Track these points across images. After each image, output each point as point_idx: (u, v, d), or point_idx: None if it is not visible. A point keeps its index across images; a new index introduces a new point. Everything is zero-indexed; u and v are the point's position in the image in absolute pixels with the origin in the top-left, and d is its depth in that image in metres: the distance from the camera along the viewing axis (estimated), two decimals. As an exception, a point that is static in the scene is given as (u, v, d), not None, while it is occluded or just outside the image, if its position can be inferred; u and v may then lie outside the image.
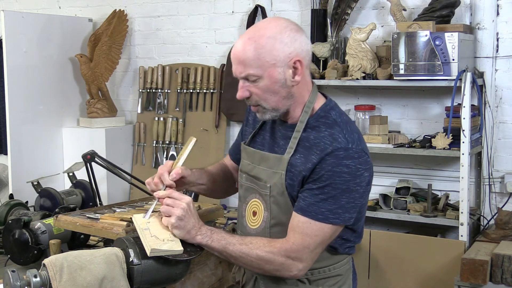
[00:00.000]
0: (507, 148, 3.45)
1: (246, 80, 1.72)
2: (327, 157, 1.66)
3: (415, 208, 3.33)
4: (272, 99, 1.72)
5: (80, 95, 4.58)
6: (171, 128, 4.39)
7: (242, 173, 1.89)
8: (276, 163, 1.76)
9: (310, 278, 1.78)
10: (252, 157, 1.85)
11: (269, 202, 1.77)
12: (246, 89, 1.73)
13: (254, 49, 1.67)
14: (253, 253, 1.70)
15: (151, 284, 1.74)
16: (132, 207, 2.40)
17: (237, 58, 1.71)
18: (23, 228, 2.31)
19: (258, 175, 1.81)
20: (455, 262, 3.07)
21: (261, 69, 1.68)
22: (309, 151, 1.70)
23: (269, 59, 1.68)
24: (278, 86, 1.70)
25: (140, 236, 1.73)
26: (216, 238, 1.72)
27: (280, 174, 1.74)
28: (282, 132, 1.81)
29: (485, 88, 3.43)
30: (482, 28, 3.45)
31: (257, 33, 1.69)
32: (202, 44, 4.35)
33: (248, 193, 1.86)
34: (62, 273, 1.60)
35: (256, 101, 1.74)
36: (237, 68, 1.72)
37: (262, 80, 1.70)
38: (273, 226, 1.77)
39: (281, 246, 1.69)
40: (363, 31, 3.45)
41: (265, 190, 1.77)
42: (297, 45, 1.70)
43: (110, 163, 3.09)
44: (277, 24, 1.71)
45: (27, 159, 4.13)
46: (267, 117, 1.77)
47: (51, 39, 4.30)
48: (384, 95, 3.72)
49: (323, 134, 1.71)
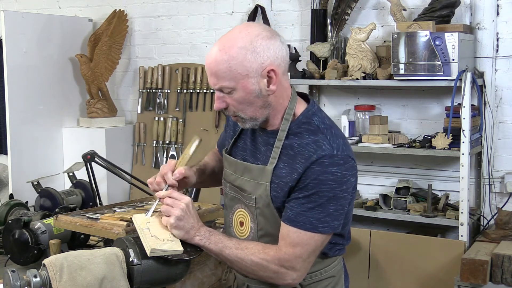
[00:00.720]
0: (507, 148, 3.45)
1: (221, 92, 1.69)
2: (312, 166, 1.63)
3: (415, 208, 3.33)
4: (248, 109, 1.69)
5: (80, 95, 4.58)
6: (171, 128, 4.39)
7: (226, 182, 1.86)
8: (259, 174, 1.72)
9: (302, 283, 1.76)
10: (235, 167, 1.82)
11: (256, 214, 1.74)
12: (222, 100, 1.70)
13: (226, 61, 1.63)
14: (248, 258, 1.68)
15: (151, 284, 1.74)
16: (132, 207, 2.40)
17: (209, 70, 1.67)
18: (23, 228, 2.31)
19: (242, 186, 1.77)
20: (455, 262, 3.07)
21: (234, 81, 1.64)
22: (293, 159, 1.67)
23: (241, 71, 1.63)
24: (253, 97, 1.66)
25: (140, 236, 1.73)
26: (214, 240, 1.71)
27: (264, 185, 1.70)
28: (263, 138, 1.77)
29: (485, 88, 3.43)
30: (482, 28, 3.45)
31: (228, 43, 1.64)
32: (202, 44, 4.35)
33: (233, 202, 1.83)
34: (62, 273, 1.60)
35: (234, 112, 1.71)
36: (211, 79, 1.70)
37: (236, 92, 1.66)
38: (261, 237, 1.75)
39: (275, 254, 1.67)
40: (363, 31, 3.45)
41: (251, 201, 1.75)
42: (270, 53, 1.64)
43: (110, 163, 3.09)
44: (248, 33, 1.65)
45: (27, 159, 4.13)
46: (247, 126, 1.74)
47: (51, 39, 4.31)
48: (384, 95, 3.72)
49: (307, 141, 1.67)
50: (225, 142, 1.99)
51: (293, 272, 1.67)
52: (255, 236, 1.76)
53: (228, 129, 1.97)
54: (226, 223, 1.90)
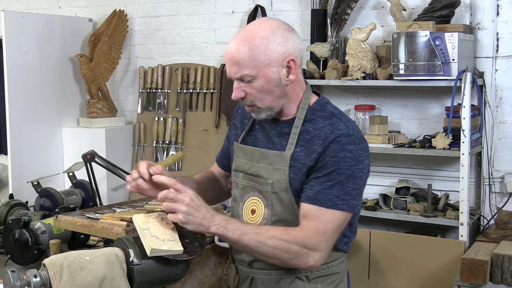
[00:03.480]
0: (507, 148, 3.45)
1: (241, 81, 1.74)
2: (330, 144, 1.69)
3: (415, 208, 3.33)
4: (267, 98, 1.74)
5: (80, 95, 4.58)
6: (171, 128, 4.39)
7: (237, 172, 1.88)
8: (277, 159, 1.77)
9: (309, 275, 1.78)
10: (251, 155, 1.85)
11: (271, 199, 1.77)
12: (241, 90, 1.75)
13: (249, 49, 1.69)
14: (269, 242, 1.66)
15: (151, 284, 1.74)
16: (132, 207, 2.40)
17: (231, 59, 1.73)
18: (23, 228, 2.31)
19: (258, 173, 1.81)
20: (455, 262, 3.07)
21: (256, 69, 1.70)
22: (309, 142, 1.73)
23: (264, 59, 1.69)
24: (273, 86, 1.73)
25: (140, 236, 1.73)
26: (231, 228, 1.67)
27: (282, 170, 1.75)
28: (277, 130, 1.82)
29: (485, 88, 3.43)
30: (482, 28, 3.45)
31: (250, 34, 1.71)
32: (202, 44, 4.35)
33: (245, 191, 1.85)
34: (62, 273, 1.60)
35: (251, 101, 1.76)
36: (232, 69, 1.74)
37: (257, 80, 1.72)
38: (274, 222, 1.77)
39: (296, 234, 1.66)
40: (363, 31, 3.45)
41: (266, 187, 1.78)
42: (290, 44, 1.72)
43: (110, 163, 3.10)
44: (269, 24, 1.73)
45: (27, 159, 4.13)
46: (262, 116, 1.78)
47: (51, 39, 4.31)
48: (384, 95, 3.73)
49: (322, 125, 1.74)
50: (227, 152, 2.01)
51: (315, 252, 1.67)
52: (268, 222, 1.78)
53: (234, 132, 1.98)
54: (234, 214, 1.90)
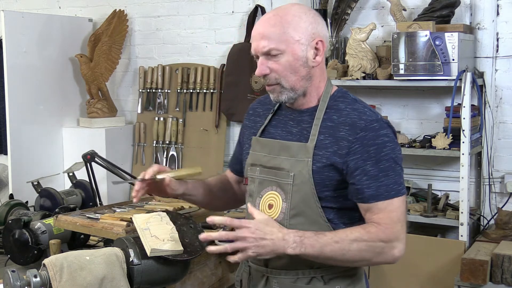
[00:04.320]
0: (507, 148, 3.45)
1: (267, 56, 1.71)
2: (363, 133, 1.66)
3: (415, 208, 3.33)
4: (291, 77, 1.71)
5: (80, 95, 4.58)
6: (171, 128, 4.39)
7: (254, 167, 1.81)
8: (299, 151, 1.72)
9: (325, 276, 1.73)
10: (270, 148, 1.79)
11: (291, 192, 1.71)
12: (266, 66, 1.71)
13: (280, 23, 1.69)
14: (353, 247, 1.62)
15: (151, 284, 1.74)
16: (132, 207, 2.40)
17: (261, 33, 1.70)
18: (23, 228, 2.31)
19: (279, 165, 1.75)
20: (455, 262, 3.07)
21: (285, 44, 1.68)
22: (334, 129, 1.69)
23: (294, 35, 1.69)
24: (299, 65, 1.71)
25: (140, 236, 1.73)
26: (309, 243, 1.61)
27: (305, 161, 1.69)
28: (296, 119, 1.78)
29: (485, 88, 3.43)
30: (482, 28, 3.45)
31: (283, 11, 1.72)
32: (202, 44, 4.35)
33: (262, 186, 1.78)
34: (62, 273, 1.60)
35: (276, 79, 1.72)
36: (260, 43, 1.71)
37: (284, 56, 1.69)
38: (292, 217, 1.71)
39: (376, 230, 1.64)
40: (363, 31, 3.45)
41: (287, 179, 1.72)
42: (320, 27, 1.73)
43: (110, 163, 3.10)
44: (301, 6, 1.76)
45: (27, 159, 4.13)
46: (283, 97, 1.74)
47: (51, 39, 4.30)
48: (384, 95, 3.73)
49: (346, 111, 1.71)
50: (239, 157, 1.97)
51: (398, 243, 1.65)
52: (286, 216, 1.71)
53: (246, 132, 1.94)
54: None
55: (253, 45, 1.74)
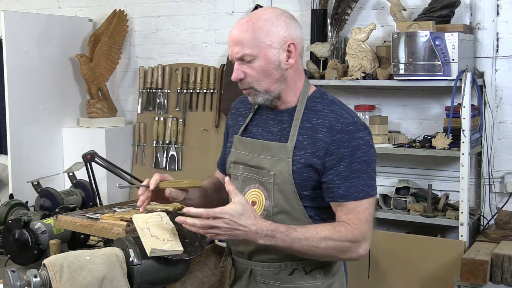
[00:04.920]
0: (507, 148, 3.45)
1: (241, 61, 1.76)
2: (339, 135, 1.71)
3: (415, 208, 3.33)
4: (265, 81, 1.76)
5: (80, 95, 4.58)
6: (171, 128, 4.39)
7: (237, 165, 1.88)
8: (280, 151, 1.77)
9: (306, 267, 1.80)
10: (251, 147, 1.85)
11: (272, 190, 1.77)
12: (241, 71, 1.77)
13: (252, 30, 1.73)
14: (321, 245, 1.69)
15: (151, 284, 1.74)
16: (132, 207, 2.41)
17: (234, 40, 1.76)
18: (23, 228, 2.31)
19: (260, 164, 1.81)
20: (455, 262, 3.07)
21: (257, 49, 1.73)
22: (313, 131, 1.75)
23: (265, 40, 1.73)
24: (272, 68, 1.75)
25: (140, 236, 1.73)
26: (280, 238, 1.68)
27: (286, 161, 1.75)
28: (276, 119, 1.83)
29: (485, 88, 3.43)
30: (482, 28, 3.45)
31: (255, 16, 1.77)
32: (202, 44, 4.35)
33: (245, 184, 1.85)
34: (62, 273, 1.60)
35: (249, 83, 1.77)
36: (234, 49, 1.76)
37: (257, 61, 1.74)
38: (275, 214, 1.77)
39: (345, 230, 1.70)
40: (363, 31, 3.45)
41: (268, 178, 1.78)
42: (291, 30, 1.77)
43: (110, 163, 3.10)
44: (273, 10, 1.79)
45: (27, 159, 4.13)
46: (259, 100, 1.79)
47: (51, 39, 4.31)
48: (384, 95, 3.73)
49: (324, 113, 1.76)
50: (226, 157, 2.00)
51: (364, 242, 1.72)
52: (269, 213, 1.78)
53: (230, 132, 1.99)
54: None
55: (229, 50, 1.79)
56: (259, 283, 1.82)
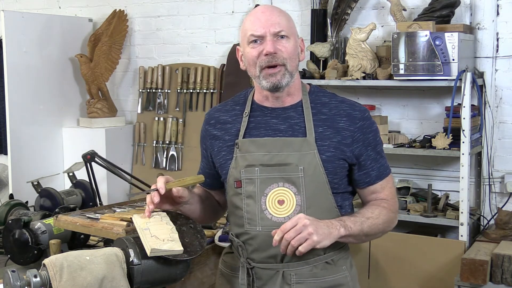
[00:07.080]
0: (507, 148, 3.45)
1: (276, 37, 1.76)
2: (361, 122, 1.80)
3: (415, 208, 3.33)
4: (294, 62, 1.80)
5: (80, 95, 4.58)
6: (171, 128, 4.39)
7: (252, 167, 1.79)
8: (302, 145, 1.78)
9: (334, 259, 1.83)
10: (269, 146, 1.79)
11: (303, 184, 1.75)
12: (276, 45, 1.76)
13: (284, 14, 1.81)
14: (380, 220, 1.80)
15: (151, 284, 1.74)
16: (132, 207, 2.41)
17: (269, 19, 1.76)
18: (23, 228, 2.31)
19: (285, 161, 1.77)
20: (455, 262, 3.07)
21: (291, 31, 1.79)
22: (331, 121, 1.80)
23: (293, 27, 1.82)
24: (297, 54, 1.82)
25: (140, 236, 1.73)
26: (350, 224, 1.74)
27: (312, 154, 1.76)
28: (280, 117, 1.82)
29: (485, 88, 3.43)
30: (482, 28, 3.45)
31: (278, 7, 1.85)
32: (202, 44, 4.35)
33: (265, 185, 1.78)
34: (62, 273, 1.60)
35: (284, 58, 1.77)
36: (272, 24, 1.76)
37: (290, 41, 1.78)
38: (309, 207, 1.75)
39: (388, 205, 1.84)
40: (363, 31, 3.45)
41: (297, 173, 1.76)
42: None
43: (110, 163, 3.10)
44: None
45: (27, 159, 4.13)
46: (284, 81, 1.78)
47: (51, 39, 4.31)
48: (384, 95, 3.73)
49: (334, 103, 1.83)
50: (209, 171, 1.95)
51: (396, 214, 1.88)
52: (302, 208, 1.76)
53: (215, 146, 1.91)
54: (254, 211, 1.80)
55: (259, 26, 1.76)
56: (293, 284, 1.78)
